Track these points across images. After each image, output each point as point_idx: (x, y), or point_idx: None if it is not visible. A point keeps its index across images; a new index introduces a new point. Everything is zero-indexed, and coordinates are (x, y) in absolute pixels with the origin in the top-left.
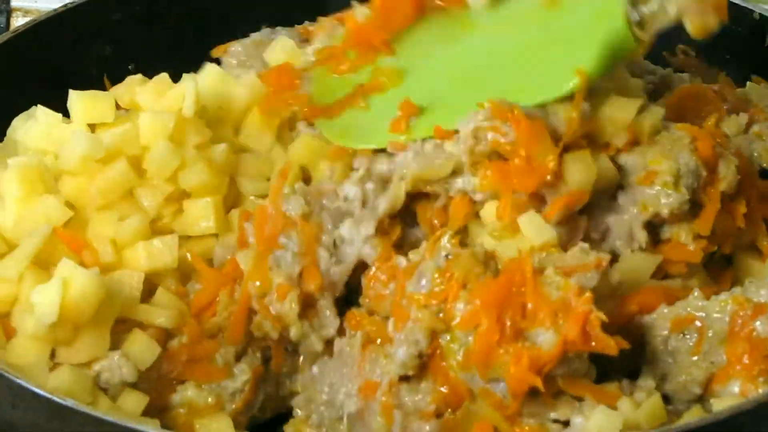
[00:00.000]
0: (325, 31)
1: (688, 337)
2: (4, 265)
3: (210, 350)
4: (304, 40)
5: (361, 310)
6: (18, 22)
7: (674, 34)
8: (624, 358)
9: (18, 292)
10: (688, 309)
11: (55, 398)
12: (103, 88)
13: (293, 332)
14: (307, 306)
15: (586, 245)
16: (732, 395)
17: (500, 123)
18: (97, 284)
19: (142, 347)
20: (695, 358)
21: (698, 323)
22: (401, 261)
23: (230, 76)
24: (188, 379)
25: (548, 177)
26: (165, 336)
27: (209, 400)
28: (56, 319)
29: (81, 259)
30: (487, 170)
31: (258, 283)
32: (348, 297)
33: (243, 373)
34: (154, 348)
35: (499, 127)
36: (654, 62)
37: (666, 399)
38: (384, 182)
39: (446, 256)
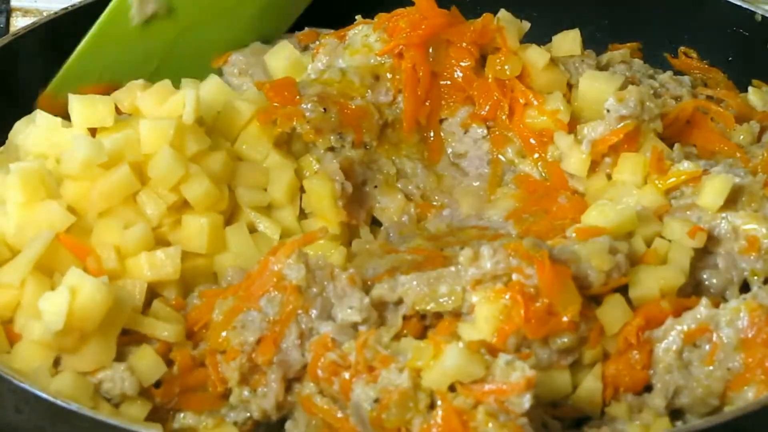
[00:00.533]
0: (326, 49)
1: (700, 347)
2: (6, 271)
3: (202, 378)
4: (305, 48)
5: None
6: (18, 22)
7: (675, 32)
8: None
9: (20, 297)
10: (698, 318)
11: (59, 402)
12: None
13: (232, 397)
14: (256, 371)
15: (510, 357)
16: (746, 401)
17: (525, 265)
18: (104, 293)
19: (148, 363)
20: (711, 367)
21: (711, 332)
22: (336, 359)
23: (230, 88)
24: (184, 409)
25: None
26: (167, 351)
27: (209, 422)
28: (63, 327)
29: (84, 266)
30: (503, 293)
31: (223, 335)
32: None
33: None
34: (160, 366)
35: (523, 269)
36: (655, 64)
37: (679, 413)
38: (382, 308)
39: (375, 400)
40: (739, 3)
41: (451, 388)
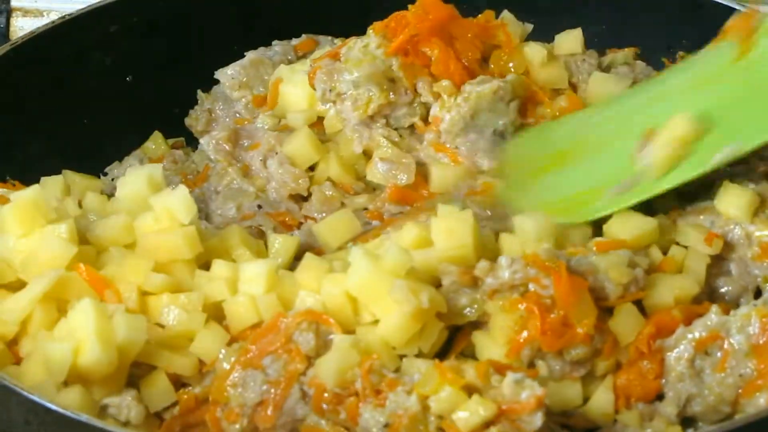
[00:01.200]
0: (323, 71)
1: (712, 355)
2: (8, 307)
3: (204, 418)
4: (302, 56)
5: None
6: (18, 22)
7: (674, 38)
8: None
9: (27, 328)
10: (709, 325)
11: (69, 413)
12: (100, 100)
13: None
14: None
15: (519, 375)
16: (758, 408)
17: (542, 275)
18: (109, 353)
19: (159, 390)
20: (722, 375)
21: (722, 339)
22: (339, 391)
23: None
24: None
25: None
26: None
27: None
28: (65, 378)
29: (102, 298)
30: (519, 303)
31: (225, 389)
32: None
33: None
34: (171, 394)
35: (540, 280)
36: (653, 68)
37: (691, 421)
38: None
39: (385, 425)
40: (738, 7)
41: None
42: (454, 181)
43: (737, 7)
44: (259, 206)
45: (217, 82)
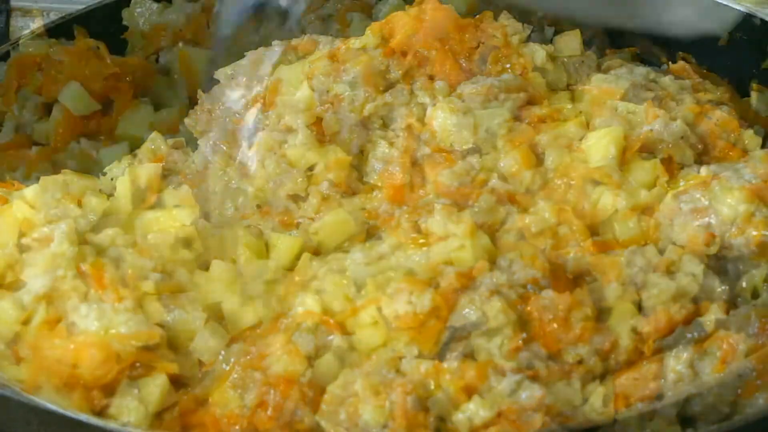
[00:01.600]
0: (320, 71)
1: (711, 355)
2: (9, 308)
3: (203, 420)
4: (301, 57)
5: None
6: (18, 22)
7: (674, 40)
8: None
9: (27, 328)
10: (708, 325)
11: (69, 413)
12: (100, 100)
13: None
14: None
15: (518, 376)
16: (757, 408)
17: (541, 276)
18: (109, 361)
19: (159, 391)
20: (721, 375)
21: (721, 340)
22: (339, 392)
23: None
24: None
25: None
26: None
27: None
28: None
29: (102, 299)
30: (518, 304)
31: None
32: None
33: None
34: (171, 394)
35: (539, 280)
36: (653, 69)
37: (690, 421)
38: None
39: (384, 426)
40: (737, 7)
41: None
42: (450, 180)
43: (737, 7)
44: (258, 206)
45: (217, 82)
